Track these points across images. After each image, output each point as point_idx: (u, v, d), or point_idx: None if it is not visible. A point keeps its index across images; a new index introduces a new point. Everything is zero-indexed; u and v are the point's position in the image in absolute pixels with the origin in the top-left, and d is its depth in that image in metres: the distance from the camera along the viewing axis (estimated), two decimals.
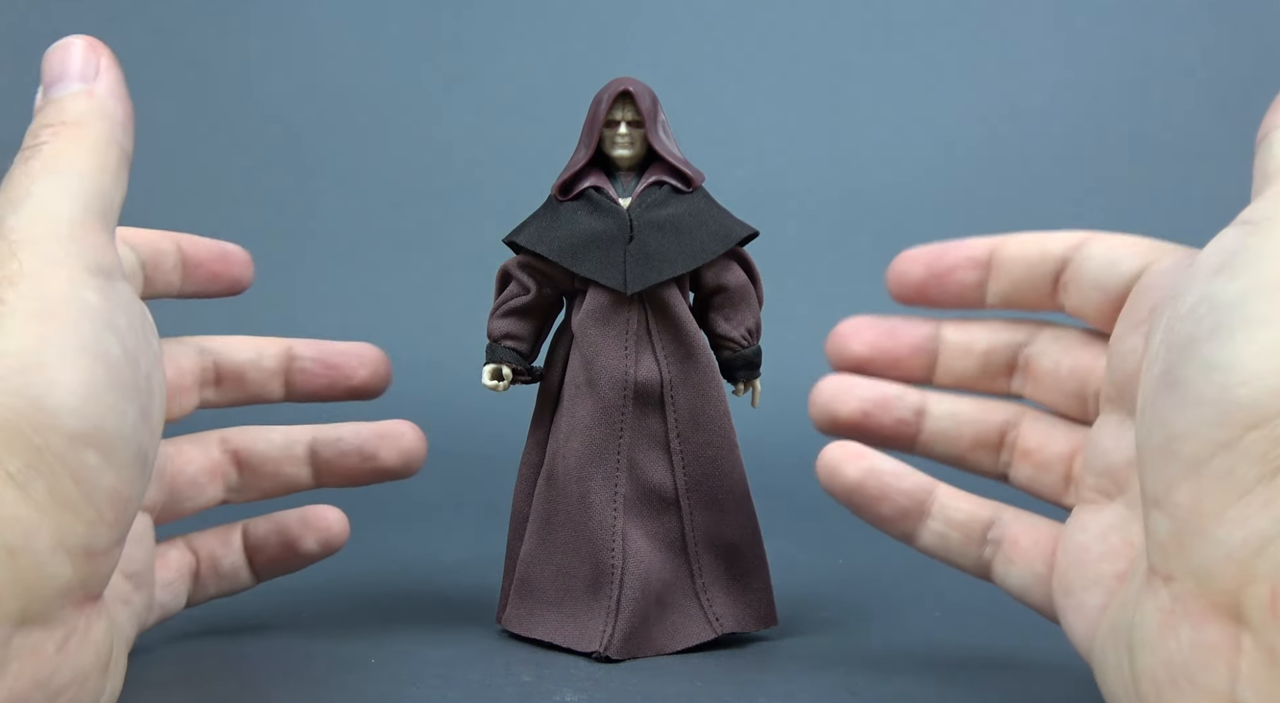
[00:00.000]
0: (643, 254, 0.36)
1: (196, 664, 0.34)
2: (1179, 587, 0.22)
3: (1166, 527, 0.22)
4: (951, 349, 0.31)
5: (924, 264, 0.31)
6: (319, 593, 0.42)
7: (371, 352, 0.37)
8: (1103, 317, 0.29)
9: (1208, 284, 0.23)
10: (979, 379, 0.31)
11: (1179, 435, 0.22)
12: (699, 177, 0.37)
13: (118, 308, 0.25)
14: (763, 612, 0.38)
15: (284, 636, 0.37)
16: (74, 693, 0.24)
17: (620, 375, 0.36)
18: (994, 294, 0.31)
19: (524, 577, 0.37)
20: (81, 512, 0.23)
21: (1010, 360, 0.31)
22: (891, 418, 0.31)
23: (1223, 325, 0.22)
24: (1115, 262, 0.28)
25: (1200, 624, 0.21)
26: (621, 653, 0.35)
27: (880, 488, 0.31)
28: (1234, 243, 0.23)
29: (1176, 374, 0.22)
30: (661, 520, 0.37)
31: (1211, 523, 0.21)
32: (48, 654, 0.23)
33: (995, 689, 0.33)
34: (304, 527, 0.36)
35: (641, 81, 0.37)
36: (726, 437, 0.37)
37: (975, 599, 0.42)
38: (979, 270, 0.30)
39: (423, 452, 0.37)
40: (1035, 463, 0.30)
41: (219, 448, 0.35)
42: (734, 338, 0.37)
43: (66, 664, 0.24)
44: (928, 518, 0.31)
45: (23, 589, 0.22)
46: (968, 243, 0.31)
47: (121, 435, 0.24)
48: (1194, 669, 0.21)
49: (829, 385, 0.32)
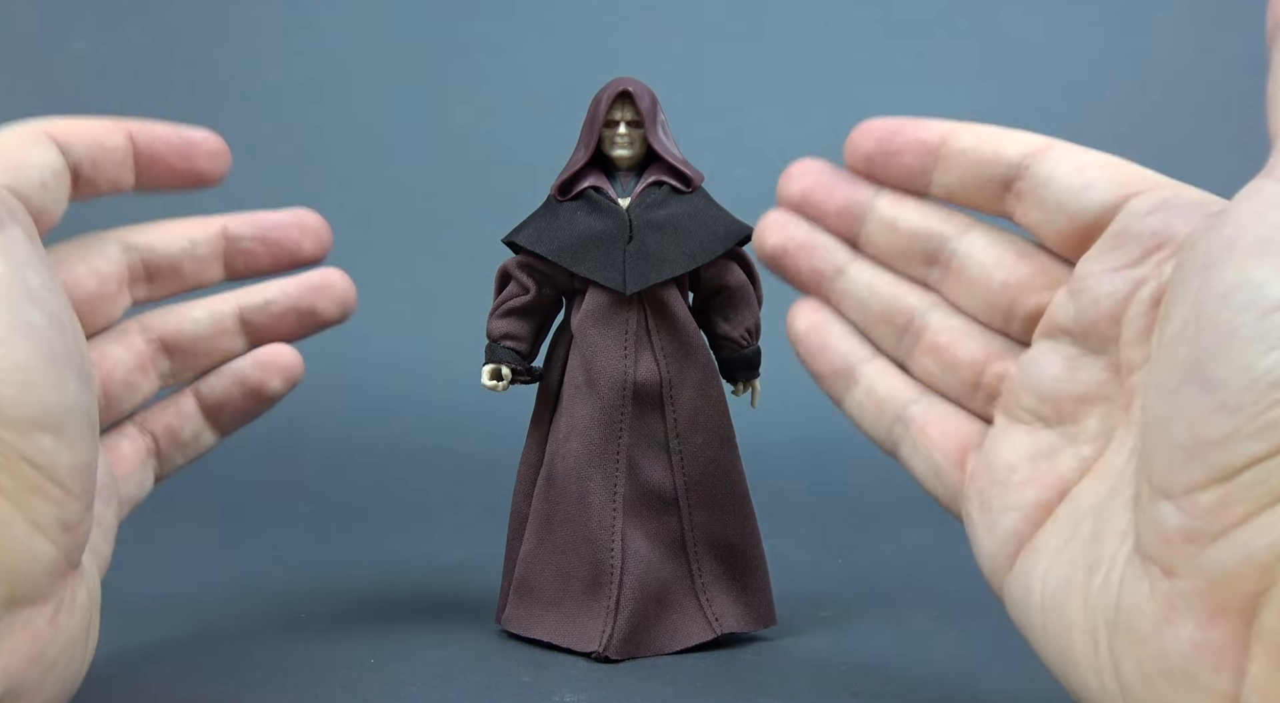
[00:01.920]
0: (642, 254, 0.36)
1: (196, 664, 0.34)
2: (1185, 584, 0.21)
3: (1178, 522, 0.21)
4: (878, 220, 0.30)
5: (875, 139, 0.29)
6: (319, 593, 0.42)
7: (310, 217, 0.35)
8: (1063, 241, 0.27)
9: (1253, 267, 0.20)
10: (896, 259, 0.30)
11: (1212, 442, 0.20)
12: (698, 177, 0.37)
13: (26, 265, 0.24)
14: (762, 612, 0.38)
15: (284, 636, 0.37)
16: (65, 662, 0.24)
17: (619, 375, 0.36)
18: (939, 186, 0.29)
19: (523, 577, 0.37)
20: (49, 492, 0.23)
21: (933, 251, 0.29)
22: (808, 265, 0.30)
23: (1269, 331, 0.20)
24: (1087, 186, 0.26)
25: (1206, 624, 0.21)
26: (621, 653, 0.35)
27: (821, 343, 0.30)
28: (1275, 211, 0.20)
29: (1210, 373, 0.21)
30: (661, 520, 0.37)
31: (1237, 528, 0.20)
32: (41, 629, 0.23)
33: (995, 689, 0.33)
34: (263, 370, 0.34)
35: (641, 82, 0.37)
36: (726, 437, 0.37)
37: (975, 599, 0.42)
38: (926, 159, 0.28)
39: (355, 294, 0.35)
40: (942, 361, 0.29)
41: (142, 339, 0.33)
42: (733, 338, 0.37)
43: (59, 635, 0.24)
44: (854, 385, 0.30)
45: (9, 574, 0.22)
46: (922, 124, 0.29)
47: (67, 409, 0.23)
48: (1195, 668, 0.21)
49: (770, 216, 0.31)
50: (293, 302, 0.34)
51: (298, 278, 0.34)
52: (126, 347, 0.32)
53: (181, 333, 0.33)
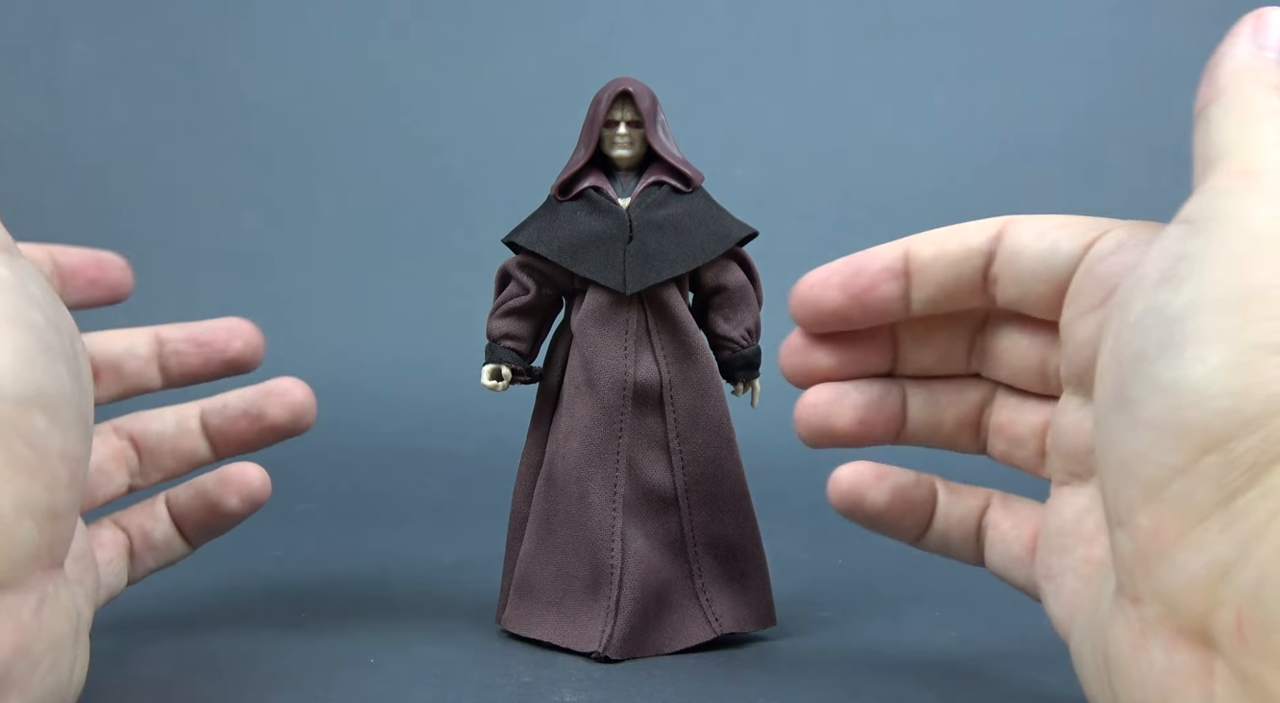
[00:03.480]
0: (642, 254, 0.36)
1: (196, 664, 0.34)
2: (1147, 610, 0.21)
3: (1130, 548, 0.21)
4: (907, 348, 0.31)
5: (838, 286, 0.29)
6: (319, 593, 0.42)
7: (241, 325, 0.36)
8: (1046, 305, 0.27)
9: (1154, 294, 0.22)
10: (935, 366, 0.31)
11: (1134, 458, 0.21)
12: (698, 177, 0.37)
13: (29, 279, 0.26)
14: (762, 612, 0.38)
15: (284, 636, 0.37)
16: (52, 660, 0.24)
17: (619, 375, 0.36)
18: (919, 302, 0.29)
19: (523, 577, 0.37)
20: (39, 474, 0.23)
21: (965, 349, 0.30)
22: (883, 417, 0.31)
23: (1171, 342, 0.21)
24: (1053, 246, 0.27)
25: (1171, 648, 0.21)
26: (621, 653, 0.35)
27: (906, 505, 0.31)
28: (1176, 246, 0.22)
29: (1127, 393, 0.21)
30: (661, 521, 0.37)
31: (1173, 548, 0.20)
32: (25, 620, 0.23)
33: (995, 689, 0.33)
34: (223, 486, 0.35)
35: (641, 82, 0.37)
36: (726, 437, 0.37)
37: (975, 599, 0.42)
38: (899, 280, 0.29)
39: (311, 406, 0.36)
40: (1008, 438, 0.30)
41: (115, 436, 0.35)
42: (733, 338, 0.37)
43: (44, 630, 0.24)
44: (934, 521, 0.31)
45: None
46: (877, 252, 0.29)
47: (62, 396, 0.24)
48: (1168, 693, 0.21)
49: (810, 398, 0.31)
50: (246, 405, 0.36)
51: (258, 385, 0.36)
52: (102, 439, 0.35)
53: (148, 431, 0.35)
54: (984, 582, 0.32)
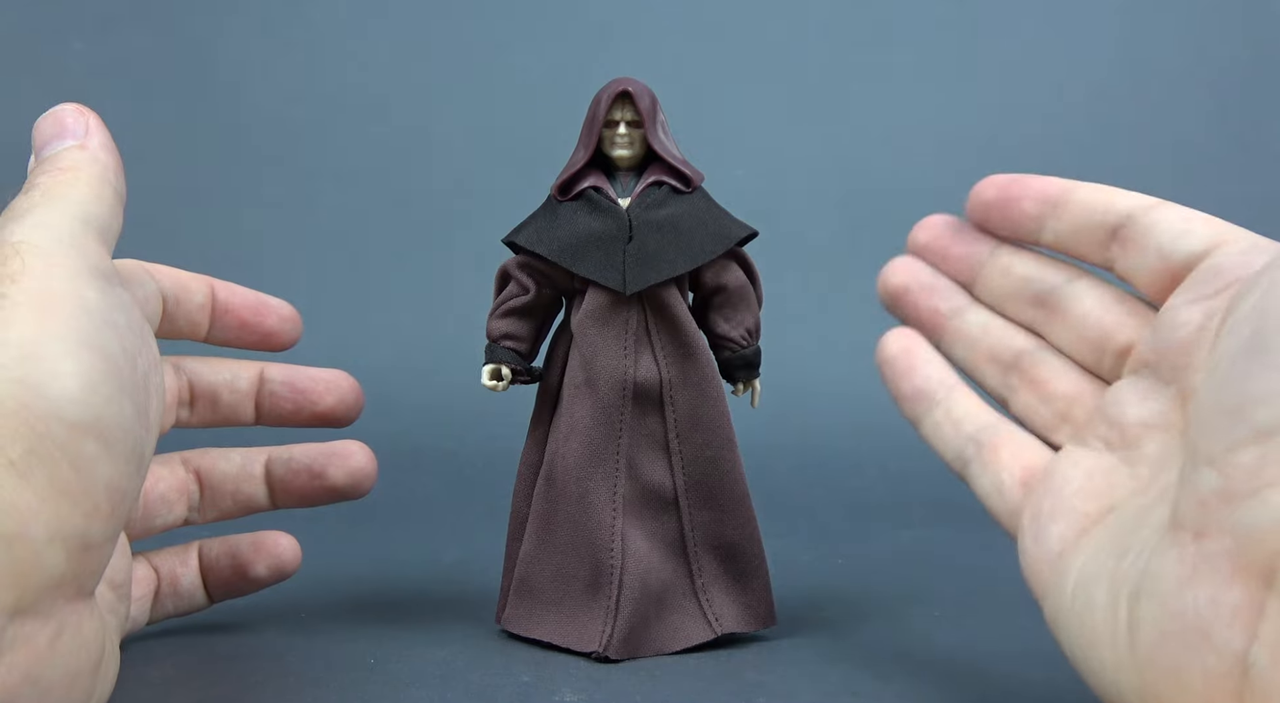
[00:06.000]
0: (642, 254, 0.36)
1: (196, 664, 0.34)
2: (1212, 545, 0.22)
3: (1215, 484, 0.22)
4: (995, 265, 0.33)
5: (998, 187, 0.32)
6: (319, 593, 0.42)
7: (342, 379, 0.38)
8: (1155, 283, 0.29)
9: None
10: (1007, 302, 0.33)
11: (1257, 399, 0.22)
12: (698, 177, 0.37)
13: (116, 308, 0.26)
14: (762, 612, 0.38)
15: (284, 636, 0.37)
16: (64, 691, 0.24)
17: (619, 375, 0.36)
18: (1050, 233, 0.31)
19: (523, 577, 0.37)
20: (79, 502, 0.23)
21: (1042, 294, 0.32)
22: (928, 303, 0.33)
23: None
24: (1186, 233, 0.28)
25: (1226, 584, 0.22)
26: (621, 653, 0.35)
27: (910, 366, 0.33)
28: None
29: (1267, 339, 0.22)
30: (661, 521, 0.37)
31: (1267, 488, 0.21)
32: (40, 648, 0.23)
33: (995, 689, 0.33)
34: (255, 551, 0.37)
35: (641, 82, 0.37)
36: (726, 437, 0.37)
37: (975, 599, 0.42)
38: (1044, 206, 0.31)
39: (372, 471, 0.37)
40: (1039, 394, 0.31)
41: (182, 468, 0.36)
42: (733, 338, 0.37)
43: (59, 660, 0.24)
44: (935, 406, 0.32)
45: (17, 579, 0.22)
46: (1047, 180, 0.32)
47: (120, 427, 0.24)
48: (1210, 625, 0.22)
49: (897, 261, 0.34)
50: (310, 460, 0.37)
51: (324, 444, 0.37)
52: (169, 469, 0.35)
53: (214, 469, 0.36)
54: (985, 582, 0.32)
